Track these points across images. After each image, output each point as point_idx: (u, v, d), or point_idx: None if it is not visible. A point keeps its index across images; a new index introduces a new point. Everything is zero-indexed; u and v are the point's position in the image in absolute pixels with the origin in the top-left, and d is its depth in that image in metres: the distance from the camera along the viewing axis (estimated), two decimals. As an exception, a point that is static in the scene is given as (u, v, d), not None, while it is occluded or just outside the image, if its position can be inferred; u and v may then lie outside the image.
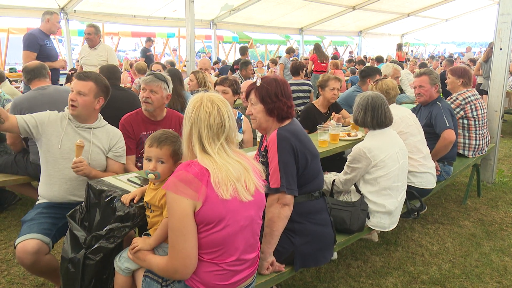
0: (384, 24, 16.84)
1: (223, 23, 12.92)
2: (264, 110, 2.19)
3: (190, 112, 1.68)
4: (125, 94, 4.13)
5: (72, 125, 2.59)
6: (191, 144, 1.67)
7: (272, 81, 2.21)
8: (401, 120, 3.29)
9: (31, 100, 3.38)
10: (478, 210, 4.17)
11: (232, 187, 1.63)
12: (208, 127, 1.65)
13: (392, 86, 3.55)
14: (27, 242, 2.24)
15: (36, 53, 5.31)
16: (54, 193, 2.56)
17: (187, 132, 1.68)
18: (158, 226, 1.88)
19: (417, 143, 3.30)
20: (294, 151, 2.11)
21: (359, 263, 3.15)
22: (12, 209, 4.06)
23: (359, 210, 2.66)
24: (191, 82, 5.04)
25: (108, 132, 2.70)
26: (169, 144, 1.93)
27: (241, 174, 1.67)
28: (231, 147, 1.72)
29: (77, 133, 2.58)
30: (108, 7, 10.03)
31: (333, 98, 4.16)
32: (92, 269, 1.96)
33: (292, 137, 2.13)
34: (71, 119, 2.59)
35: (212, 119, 1.65)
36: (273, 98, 2.17)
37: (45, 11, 5.64)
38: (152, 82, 2.96)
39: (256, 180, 1.74)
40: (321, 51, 10.21)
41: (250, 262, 1.79)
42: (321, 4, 12.66)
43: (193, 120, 1.66)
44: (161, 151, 1.91)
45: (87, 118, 2.62)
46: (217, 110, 1.67)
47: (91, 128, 2.63)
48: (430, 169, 3.35)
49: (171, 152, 1.93)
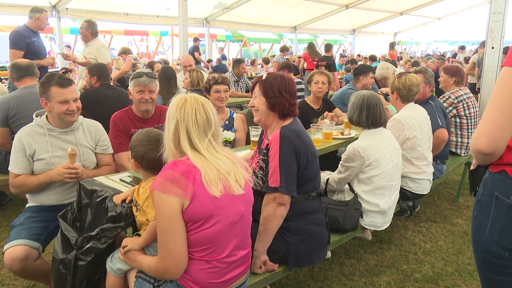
0: (377, 22, 16.93)
1: (216, 21, 12.90)
2: (266, 104, 2.19)
3: (174, 110, 1.67)
4: (116, 92, 4.10)
5: (53, 134, 2.49)
6: (179, 142, 1.66)
7: (278, 77, 2.21)
8: (418, 124, 3.25)
9: (18, 99, 3.33)
10: (471, 208, 4.19)
11: (223, 183, 1.63)
12: (196, 123, 1.65)
13: (416, 82, 3.35)
14: (14, 249, 2.19)
15: (23, 51, 5.15)
16: (48, 197, 2.51)
17: (172, 130, 1.66)
18: (146, 227, 1.86)
19: (425, 151, 3.30)
20: (296, 151, 2.11)
21: (352, 261, 3.16)
22: (3, 209, 4.01)
23: (353, 209, 2.66)
24: (185, 80, 5.01)
25: (88, 128, 2.65)
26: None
27: (231, 168, 1.69)
28: (218, 143, 1.74)
29: (62, 140, 2.51)
30: (101, 5, 9.97)
31: (319, 92, 4.16)
32: (83, 270, 1.94)
33: (295, 137, 2.13)
34: (50, 129, 2.48)
35: (199, 116, 1.66)
36: (276, 92, 2.17)
37: (33, 8, 5.40)
38: (150, 83, 3.00)
39: (245, 174, 1.75)
40: (314, 50, 10.22)
41: (242, 259, 1.78)
42: (314, 3, 12.69)
43: (179, 117, 1.65)
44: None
45: (71, 121, 2.54)
46: (202, 106, 1.69)
47: (73, 130, 2.56)
48: (429, 176, 3.37)
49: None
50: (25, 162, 2.42)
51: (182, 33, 6.58)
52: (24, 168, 2.42)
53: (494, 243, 1.40)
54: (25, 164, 2.42)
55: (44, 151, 2.44)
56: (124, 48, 8.03)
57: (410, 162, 3.24)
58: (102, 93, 3.96)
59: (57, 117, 2.46)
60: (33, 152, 2.42)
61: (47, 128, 2.48)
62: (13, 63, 3.66)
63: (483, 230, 1.42)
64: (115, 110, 3.17)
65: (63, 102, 2.42)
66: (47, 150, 2.44)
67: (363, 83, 4.88)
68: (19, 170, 2.41)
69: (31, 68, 3.60)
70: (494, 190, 1.40)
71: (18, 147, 2.41)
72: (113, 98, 3.92)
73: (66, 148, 2.45)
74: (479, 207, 1.46)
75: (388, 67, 5.55)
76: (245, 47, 20.19)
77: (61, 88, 2.41)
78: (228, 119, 3.63)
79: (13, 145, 2.44)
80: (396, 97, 3.43)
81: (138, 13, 10.99)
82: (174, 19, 9.71)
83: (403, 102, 3.41)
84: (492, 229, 1.40)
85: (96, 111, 3.67)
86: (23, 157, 2.41)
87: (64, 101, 2.41)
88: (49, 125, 2.49)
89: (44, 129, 2.48)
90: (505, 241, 1.38)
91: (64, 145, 2.48)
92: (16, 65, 3.60)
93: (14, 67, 3.60)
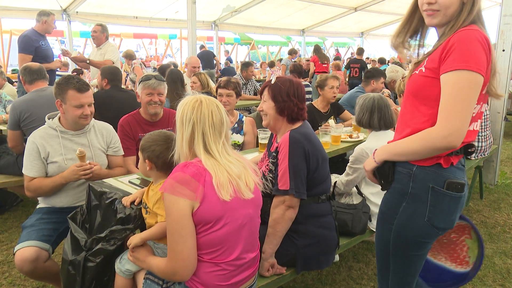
0: (386, 25, 16.82)
1: (224, 25, 12.93)
2: (275, 108, 2.20)
3: (190, 112, 1.66)
4: (126, 95, 4.13)
5: (66, 136, 2.52)
6: (193, 145, 1.66)
7: (286, 81, 2.22)
8: None
9: (29, 102, 3.36)
10: (481, 212, 4.15)
11: (233, 187, 1.63)
12: (212, 124, 1.66)
13: None
14: (25, 250, 2.22)
15: (31, 55, 5.18)
16: (60, 199, 2.53)
17: (189, 133, 1.66)
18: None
19: None
20: (306, 154, 2.11)
21: (361, 265, 3.14)
22: (14, 210, 4.06)
23: (361, 213, 2.65)
24: (194, 84, 5.02)
25: (100, 130, 2.67)
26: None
27: (241, 171, 1.69)
28: (229, 145, 1.75)
29: (75, 143, 2.53)
30: (110, 8, 10.05)
31: (333, 97, 4.16)
32: (92, 271, 1.95)
33: (305, 140, 2.13)
34: (62, 131, 2.51)
35: (215, 116, 1.67)
36: (285, 97, 2.17)
37: (41, 12, 5.40)
38: (158, 86, 3.02)
39: (255, 177, 1.76)
40: (321, 52, 10.23)
41: (251, 262, 1.78)
42: (322, 6, 12.65)
43: (196, 119, 1.65)
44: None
45: (84, 125, 2.57)
46: (217, 107, 1.70)
47: (85, 132, 2.58)
48: None
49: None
50: (40, 165, 2.43)
51: (191, 36, 6.61)
52: (39, 170, 2.43)
53: (432, 226, 1.60)
54: (40, 167, 2.44)
55: (57, 154, 2.46)
56: (127, 52, 7.94)
57: None
58: (111, 95, 3.99)
59: (70, 119, 2.48)
60: (47, 155, 2.44)
61: (60, 130, 2.50)
62: (24, 67, 3.68)
63: (420, 217, 1.60)
64: (124, 112, 3.19)
65: (79, 106, 2.43)
66: (61, 153, 2.46)
67: (373, 87, 4.87)
68: (34, 173, 2.43)
69: (43, 71, 3.65)
70: (429, 182, 1.58)
71: (32, 150, 2.43)
72: (123, 101, 3.95)
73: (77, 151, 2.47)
74: (410, 199, 1.62)
75: (397, 70, 5.53)
76: (253, 50, 20.25)
77: (78, 92, 2.43)
78: (238, 122, 3.63)
79: (26, 148, 2.45)
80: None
81: (147, 17, 11.06)
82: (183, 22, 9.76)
83: None
84: (431, 215, 1.59)
85: (105, 113, 3.68)
86: (37, 159, 2.43)
87: (79, 105, 2.43)
88: (61, 127, 2.51)
89: (57, 131, 2.50)
90: (441, 223, 1.61)
91: (77, 148, 2.50)
92: (29, 68, 3.63)
93: (26, 70, 3.62)
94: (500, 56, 4.56)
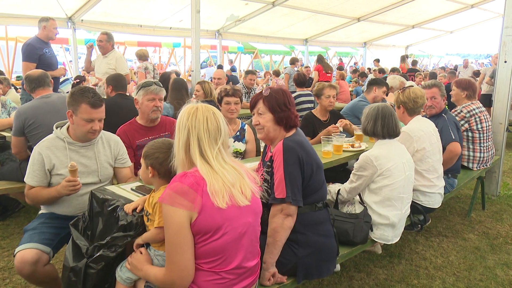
0: (388, 35, 16.92)
1: (228, 34, 13.03)
2: (274, 119, 2.21)
3: (186, 118, 1.69)
4: (130, 102, 4.14)
5: (73, 148, 2.52)
6: (189, 151, 1.68)
7: (279, 91, 2.24)
8: (426, 136, 3.24)
9: (34, 109, 3.38)
10: (483, 223, 4.13)
11: (228, 195, 1.64)
12: (207, 130, 1.67)
13: (420, 94, 3.39)
14: (26, 252, 2.23)
15: (35, 63, 5.17)
16: (62, 209, 2.53)
17: (184, 138, 1.68)
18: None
19: (435, 163, 3.28)
20: (300, 161, 2.12)
21: (362, 275, 3.12)
22: (16, 216, 4.06)
23: (363, 222, 2.65)
24: (198, 93, 5.06)
25: (108, 141, 2.67)
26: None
27: (236, 179, 1.70)
28: (227, 153, 1.75)
29: (81, 155, 2.52)
30: (115, 16, 10.15)
31: (329, 106, 4.22)
32: (93, 278, 1.95)
33: (299, 148, 2.14)
34: (70, 143, 2.51)
35: (210, 123, 1.69)
36: (283, 107, 2.20)
37: (40, 18, 5.37)
38: (160, 91, 3.11)
39: (252, 185, 1.76)
40: (325, 62, 10.27)
41: (251, 270, 1.78)
42: (326, 16, 12.75)
43: (191, 125, 1.68)
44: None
45: (91, 139, 2.56)
46: (213, 114, 1.72)
47: (93, 144, 2.58)
48: (440, 189, 3.34)
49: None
50: (42, 176, 2.45)
51: (195, 45, 6.64)
52: (40, 181, 2.45)
53: None
54: (41, 177, 2.45)
55: (62, 166, 2.46)
56: (140, 52, 7.67)
57: (421, 174, 3.22)
58: (116, 102, 4.00)
59: (78, 132, 2.48)
60: (52, 167, 2.45)
61: (67, 141, 2.50)
62: (25, 76, 3.70)
63: None
64: (128, 119, 3.22)
65: (89, 121, 2.44)
66: (66, 165, 2.45)
67: (374, 95, 4.89)
68: (35, 183, 2.44)
69: (42, 78, 3.61)
70: None
71: (36, 160, 2.44)
72: (126, 108, 3.96)
73: (85, 163, 2.49)
74: None
75: (395, 77, 5.62)
76: (257, 59, 20.32)
77: (91, 108, 2.43)
78: (240, 130, 3.65)
79: (31, 157, 2.46)
80: (402, 111, 3.43)
81: (152, 25, 11.16)
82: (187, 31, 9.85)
83: (410, 115, 3.41)
84: None
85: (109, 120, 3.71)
86: (41, 170, 2.44)
87: (89, 120, 2.44)
88: (69, 139, 2.51)
89: (65, 142, 2.50)
90: None
91: (83, 161, 2.51)
92: (28, 77, 3.64)
93: (26, 79, 3.65)
94: (502, 68, 4.58)
